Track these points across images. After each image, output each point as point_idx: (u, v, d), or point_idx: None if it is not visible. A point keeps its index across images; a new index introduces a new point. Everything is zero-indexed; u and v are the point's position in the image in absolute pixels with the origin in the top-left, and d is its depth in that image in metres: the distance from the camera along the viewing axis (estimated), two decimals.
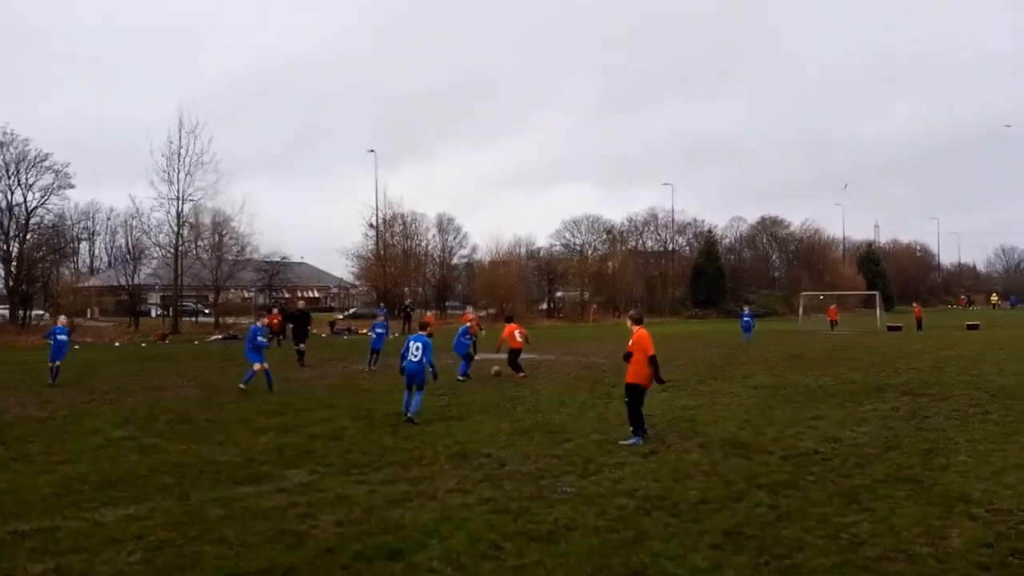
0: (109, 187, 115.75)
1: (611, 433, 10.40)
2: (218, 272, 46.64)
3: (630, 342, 10.18)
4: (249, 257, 49.79)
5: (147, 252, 49.20)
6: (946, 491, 7.30)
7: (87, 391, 16.32)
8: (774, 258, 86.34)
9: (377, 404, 13.44)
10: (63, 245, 49.44)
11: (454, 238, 65.41)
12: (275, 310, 34.35)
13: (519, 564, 5.48)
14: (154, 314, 54.88)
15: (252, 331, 16.16)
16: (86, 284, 52.49)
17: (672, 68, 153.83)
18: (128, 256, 50.49)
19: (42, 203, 42.33)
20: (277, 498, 7.31)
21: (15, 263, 41.39)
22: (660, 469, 8.34)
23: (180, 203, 43.61)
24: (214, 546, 5.92)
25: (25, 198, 41.39)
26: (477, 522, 6.44)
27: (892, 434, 10.26)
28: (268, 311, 33.17)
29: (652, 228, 76.60)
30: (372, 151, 61.73)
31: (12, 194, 41.05)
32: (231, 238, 47.13)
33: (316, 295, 74.32)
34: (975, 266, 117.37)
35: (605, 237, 73.92)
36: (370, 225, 56.52)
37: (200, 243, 47.84)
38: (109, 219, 68.54)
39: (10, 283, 41.62)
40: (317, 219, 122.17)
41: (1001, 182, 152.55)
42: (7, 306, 41.93)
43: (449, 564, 5.47)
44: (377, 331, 20.72)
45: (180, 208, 43.84)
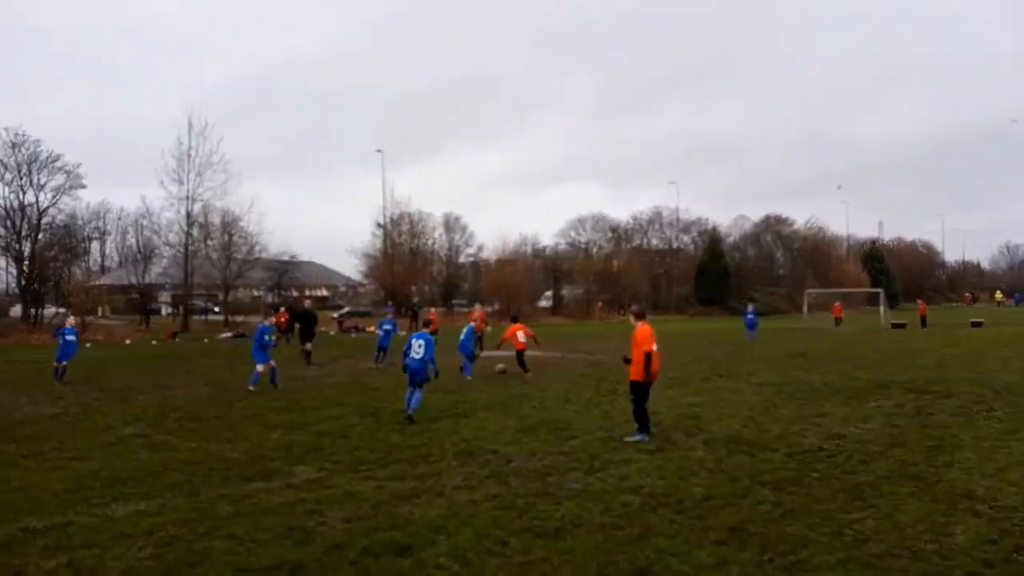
0: (115, 187, 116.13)
1: (616, 430, 10.45)
2: (227, 271, 46.95)
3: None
4: (258, 256, 50.08)
5: (157, 251, 49.77)
6: (950, 488, 7.31)
7: (98, 389, 16.46)
8: (778, 256, 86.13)
9: (384, 402, 13.51)
10: (74, 245, 49.93)
11: (461, 237, 65.69)
12: (282, 308, 34.50)
13: (525, 560, 5.52)
14: (164, 312, 55.22)
15: (260, 330, 16.26)
16: (97, 283, 52.81)
17: (674, 68, 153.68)
18: (139, 255, 50.93)
19: (53, 203, 42.89)
20: (286, 495, 7.38)
21: (27, 262, 41.73)
22: (665, 466, 8.37)
23: (190, 203, 44.01)
24: (224, 542, 5.99)
25: (37, 198, 41.94)
26: (483, 518, 6.49)
27: (896, 431, 10.26)
28: (276, 310, 33.32)
29: (657, 226, 76.82)
30: (379, 151, 61.88)
31: (24, 194, 41.59)
32: (240, 237, 47.55)
33: (325, 294, 74.46)
34: (979, 263, 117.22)
35: (610, 235, 74.02)
36: (378, 224, 56.78)
37: (210, 242, 48.26)
38: (120, 219, 69.01)
39: (22, 282, 41.95)
40: (324, 219, 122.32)
41: (1004, 180, 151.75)
42: (20, 305, 42.28)
43: (456, 560, 5.53)
44: (385, 328, 20.76)
45: (190, 208, 44.20)
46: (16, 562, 5.63)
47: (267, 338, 16.11)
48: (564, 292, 65.74)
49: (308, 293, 59.84)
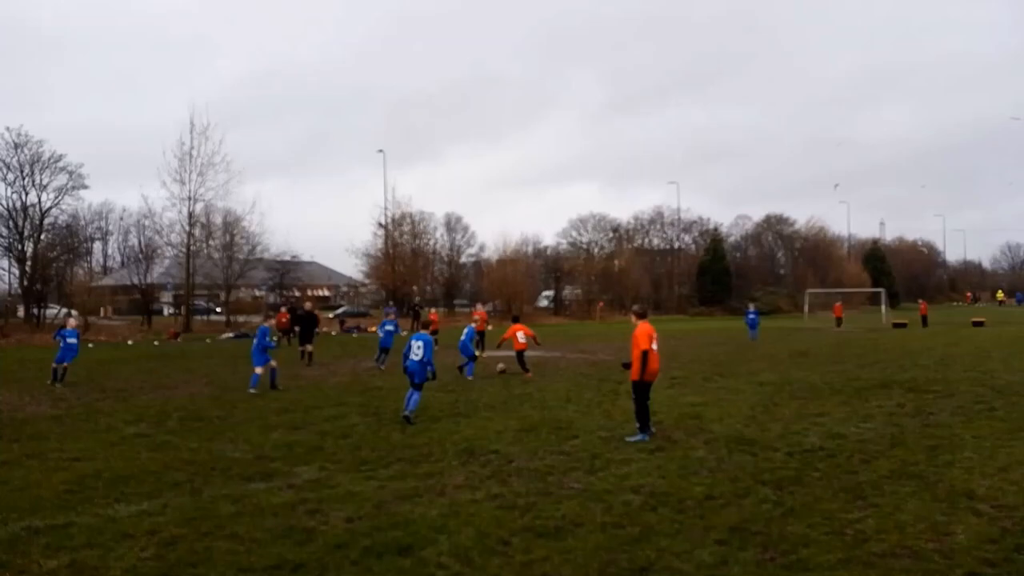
0: (119, 187, 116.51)
1: (617, 430, 10.46)
2: (229, 271, 46.92)
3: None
4: (260, 256, 50.07)
5: (159, 252, 49.68)
6: (951, 487, 7.32)
7: (100, 389, 16.47)
8: (779, 256, 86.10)
9: (386, 401, 13.53)
10: (77, 245, 49.96)
11: (462, 237, 65.56)
12: (283, 309, 34.50)
13: (526, 560, 5.54)
14: (166, 313, 55.27)
15: (261, 331, 16.18)
16: (99, 283, 52.88)
17: (675, 68, 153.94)
18: (141, 256, 50.91)
19: (56, 203, 42.88)
20: (287, 494, 7.40)
21: (29, 263, 41.79)
22: (666, 465, 8.38)
23: (192, 203, 43.99)
24: (225, 542, 6.01)
25: (39, 199, 41.95)
26: (485, 518, 6.50)
27: (897, 430, 10.27)
28: (277, 310, 33.31)
29: (658, 226, 76.73)
30: (381, 151, 61.79)
31: (27, 195, 41.60)
32: (242, 237, 47.51)
33: (326, 294, 74.50)
34: (981, 263, 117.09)
35: (611, 235, 73.94)
36: (379, 224, 56.76)
37: (211, 242, 48.17)
38: (122, 219, 68.93)
39: (25, 283, 42.02)
40: (327, 218, 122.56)
41: (1005, 179, 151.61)
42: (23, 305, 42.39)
43: (457, 559, 5.54)
44: (386, 328, 20.72)
45: (192, 208, 44.21)
46: (19, 561, 5.65)
47: (268, 339, 16.06)
48: (565, 292, 65.72)
49: (310, 293, 59.76)
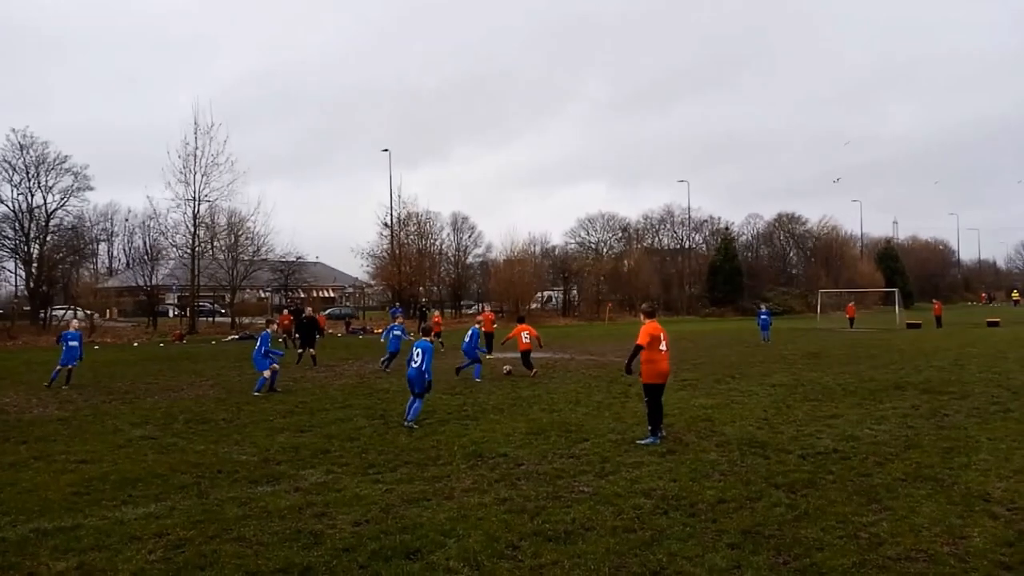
0: (124, 188, 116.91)
1: (628, 433, 10.38)
2: (234, 272, 46.95)
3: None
4: (265, 257, 50.08)
5: (164, 253, 49.69)
6: (967, 490, 7.23)
7: (107, 391, 16.50)
8: (791, 255, 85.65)
9: (392, 404, 13.48)
10: (82, 246, 50.00)
11: (469, 237, 65.54)
12: (285, 311, 34.46)
13: (536, 564, 5.47)
14: (172, 314, 55.38)
15: (263, 338, 16.07)
16: (105, 285, 53.04)
17: (685, 67, 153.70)
18: (146, 257, 51.11)
19: (61, 205, 43.08)
20: (294, 497, 7.36)
21: (35, 264, 41.97)
22: (677, 469, 8.30)
23: (196, 204, 44.02)
24: (232, 545, 5.97)
25: (45, 200, 42.16)
26: (494, 522, 6.44)
27: (912, 432, 10.16)
28: (279, 313, 33.29)
29: (668, 226, 76.46)
30: (386, 150, 61.81)
31: (32, 196, 41.81)
32: (247, 238, 47.46)
33: (331, 295, 74.58)
34: (995, 262, 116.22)
35: (620, 235, 73.76)
36: (384, 224, 56.74)
37: (216, 243, 48.20)
38: (127, 220, 69.37)
39: (31, 284, 42.21)
40: (332, 219, 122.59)
41: (1020, 177, 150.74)
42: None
43: (466, 563, 5.48)
44: (395, 333, 20.62)
45: (196, 209, 44.27)
46: (27, 563, 5.63)
47: (270, 345, 15.95)
48: (559, 293, 65.50)
49: (315, 294, 59.82)
